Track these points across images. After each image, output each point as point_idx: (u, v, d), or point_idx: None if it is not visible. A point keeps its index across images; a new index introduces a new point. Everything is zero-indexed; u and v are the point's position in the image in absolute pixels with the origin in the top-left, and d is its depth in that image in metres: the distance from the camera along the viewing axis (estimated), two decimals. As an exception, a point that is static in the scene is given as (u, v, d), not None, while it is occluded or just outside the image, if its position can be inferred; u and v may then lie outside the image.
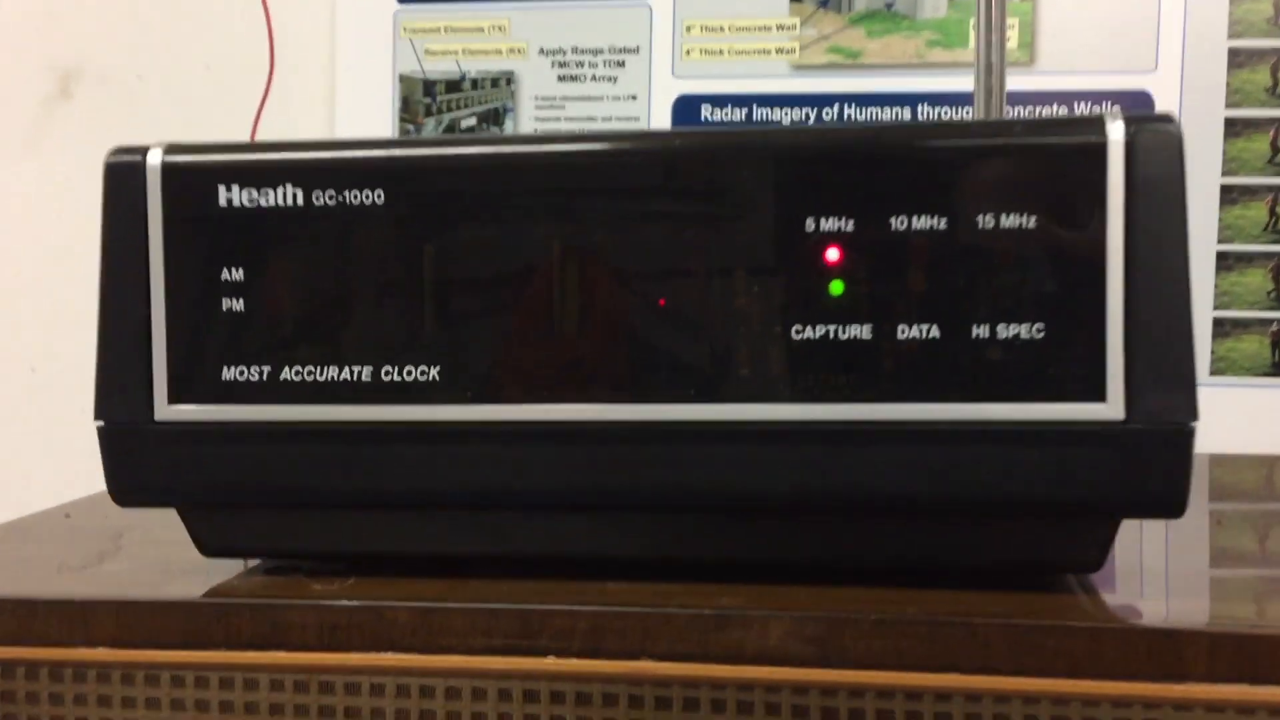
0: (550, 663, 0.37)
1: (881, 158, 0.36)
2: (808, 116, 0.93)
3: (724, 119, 0.93)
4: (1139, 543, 0.46)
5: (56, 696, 0.42)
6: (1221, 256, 0.88)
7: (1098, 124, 0.35)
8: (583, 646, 0.37)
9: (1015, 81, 0.88)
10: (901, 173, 0.36)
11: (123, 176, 0.39)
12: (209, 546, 0.41)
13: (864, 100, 0.93)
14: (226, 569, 0.42)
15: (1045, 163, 0.35)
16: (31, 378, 0.90)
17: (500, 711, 0.40)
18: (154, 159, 0.39)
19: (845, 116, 0.93)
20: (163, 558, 0.44)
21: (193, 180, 0.39)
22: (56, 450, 0.41)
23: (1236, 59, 0.87)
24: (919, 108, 0.92)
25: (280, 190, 0.38)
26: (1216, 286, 0.88)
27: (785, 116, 0.93)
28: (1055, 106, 0.90)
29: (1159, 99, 0.88)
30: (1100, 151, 0.35)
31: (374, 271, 0.38)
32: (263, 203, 0.38)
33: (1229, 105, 0.88)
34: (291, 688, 0.41)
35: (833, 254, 0.36)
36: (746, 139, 0.37)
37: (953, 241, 0.35)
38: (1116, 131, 0.35)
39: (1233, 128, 0.88)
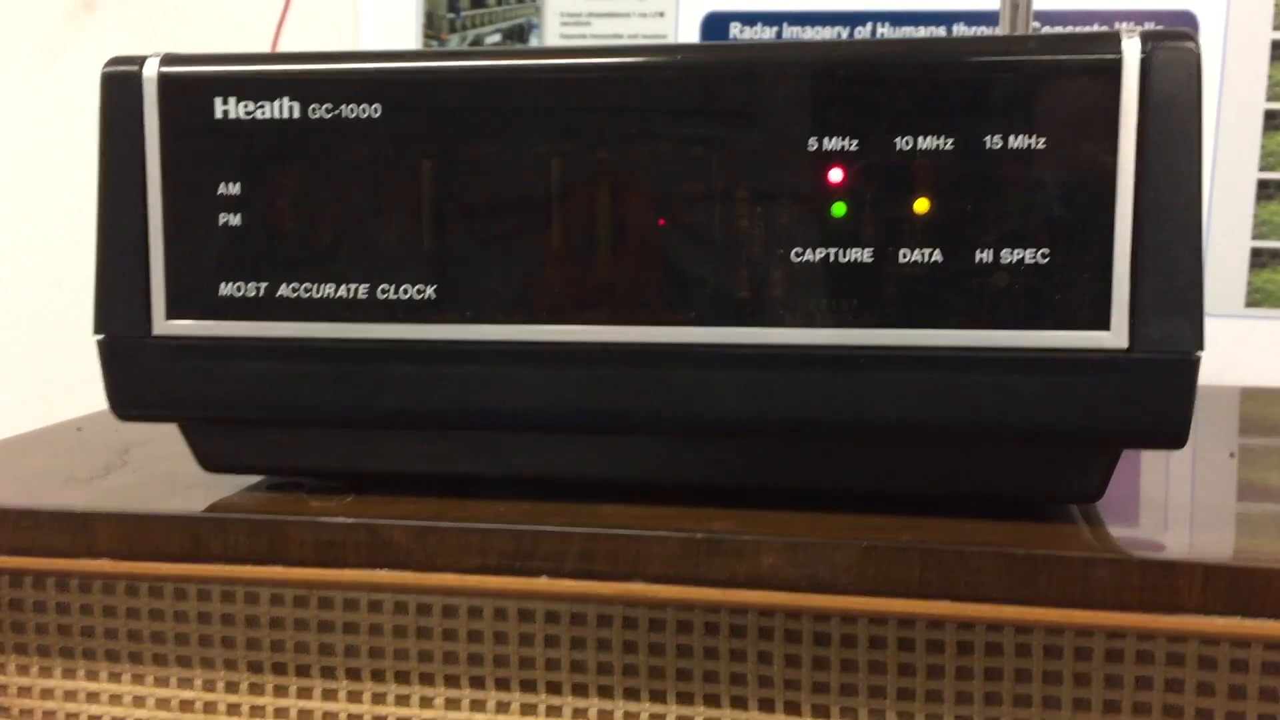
0: (543, 583, 0.37)
1: (886, 75, 0.35)
2: (840, 34, 0.90)
3: (753, 37, 0.91)
4: (1165, 476, 0.46)
5: (63, 606, 0.43)
6: (1262, 185, 0.86)
7: (1113, 41, 0.33)
8: (574, 568, 0.37)
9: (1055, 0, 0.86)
10: (907, 91, 0.34)
11: (119, 87, 0.38)
12: (210, 462, 0.42)
13: (898, 18, 0.90)
14: (230, 484, 0.43)
15: (1057, 81, 0.34)
16: (58, 292, 0.90)
17: (496, 629, 0.40)
18: (150, 70, 0.38)
19: (878, 34, 0.90)
20: (168, 472, 0.44)
21: (189, 91, 0.38)
22: (79, 364, 0.42)
23: (1286, -22, 0.84)
24: (954, 26, 0.90)
25: (276, 102, 0.38)
26: (1256, 215, 0.86)
27: (817, 34, 0.91)
28: (1095, 26, 0.87)
29: (1204, 19, 0.85)
30: (1114, 69, 0.33)
31: (370, 187, 0.37)
32: (259, 115, 0.38)
33: (1277, 26, 0.85)
34: (291, 602, 0.41)
35: (835, 175, 0.35)
36: (744, 55, 0.36)
37: (958, 163, 0.34)
38: (1132, 49, 0.33)
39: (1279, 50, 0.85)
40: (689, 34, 0.92)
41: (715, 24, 0.91)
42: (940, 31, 0.90)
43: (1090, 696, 0.37)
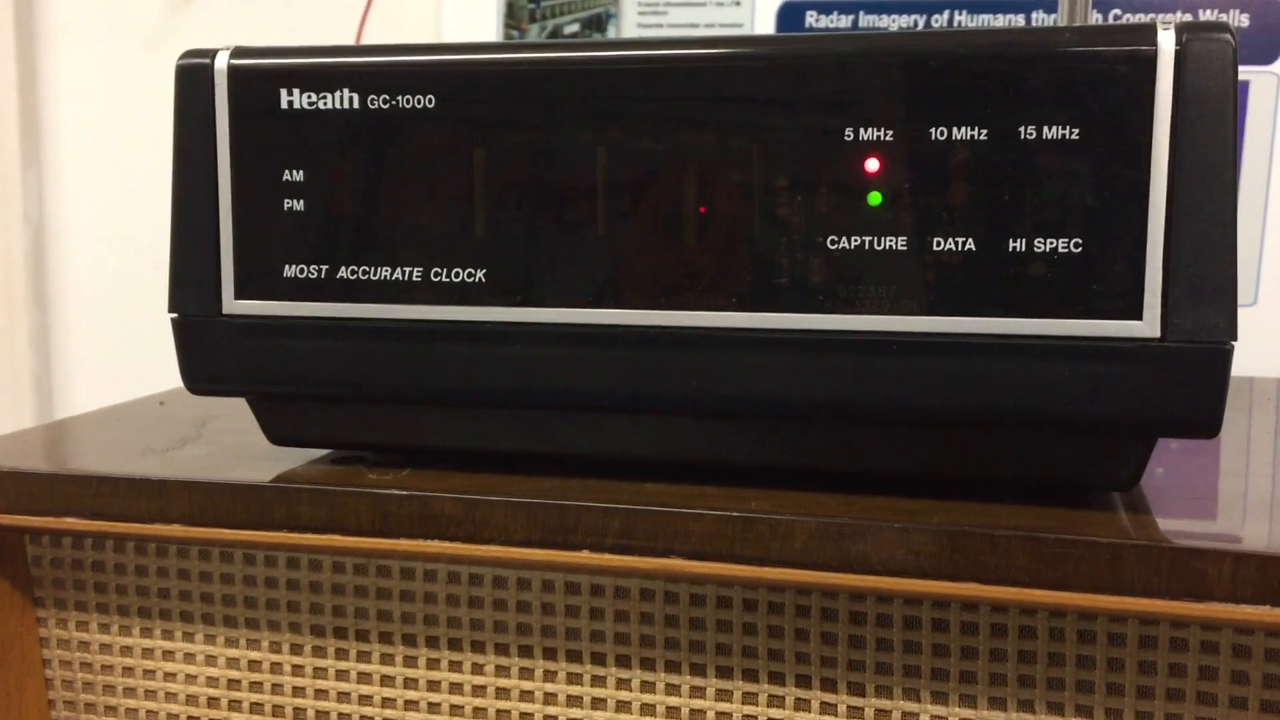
0: (584, 556, 0.39)
1: (922, 66, 0.35)
2: (916, 23, 0.90)
3: (829, 27, 0.91)
4: (1216, 466, 0.45)
5: (141, 569, 0.46)
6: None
7: (1148, 32, 0.34)
8: (615, 543, 0.38)
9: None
10: (943, 82, 0.35)
11: (193, 79, 0.40)
12: (275, 435, 0.44)
13: (975, 6, 0.90)
14: (297, 457, 0.45)
15: (1092, 72, 0.34)
16: (154, 275, 0.94)
17: (544, 600, 0.42)
18: (221, 62, 0.40)
19: (955, 24, 0.90)
20: (239, 445, 0.47)
21: (256, 83, 0.40)
22: (170, 343, 0.44)
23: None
24: (1034, 14, 0.89)
25: (338, 94, 0.39)
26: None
27: (893, 24, 0.91)
28: (1179, 14, 0.86)
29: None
30: (1149, 61, 0.34)
31: (425, 175, 0.39)
32: (321, 105, 0.40)
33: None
34: (351, 570, 0.43)
35: (871, 164, 0.36)
36: (780, 47, 0.37)
37: (993, 153, 0.35)
38: (1167, 40, 0.33)
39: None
40: (765, 23, 0.92)
41: (791, 13, 0.91)
42: (1019, 20, 0.89)
43: (1123, 682, 0.37)
